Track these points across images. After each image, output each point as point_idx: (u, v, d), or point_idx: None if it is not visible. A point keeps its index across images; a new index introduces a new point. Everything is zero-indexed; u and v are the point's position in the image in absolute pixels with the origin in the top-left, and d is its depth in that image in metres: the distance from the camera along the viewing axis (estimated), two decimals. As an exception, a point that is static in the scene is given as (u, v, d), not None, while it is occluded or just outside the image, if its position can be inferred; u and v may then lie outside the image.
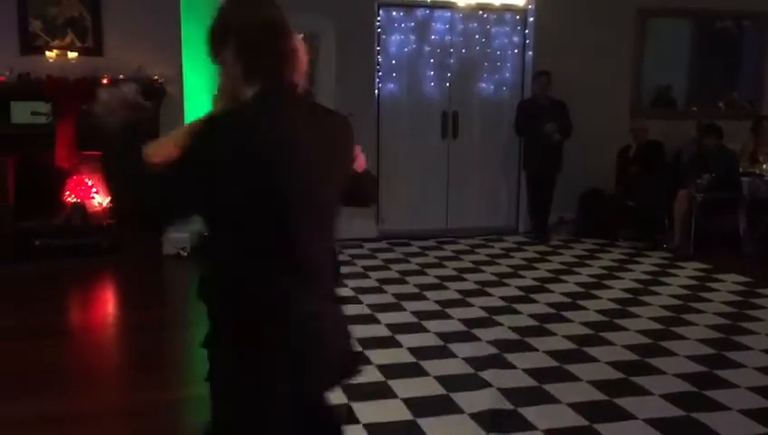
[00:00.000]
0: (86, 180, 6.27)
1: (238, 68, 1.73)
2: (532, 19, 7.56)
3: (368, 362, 4.07)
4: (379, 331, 4.62)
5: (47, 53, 6.03)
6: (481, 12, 7.47)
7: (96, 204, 6.34)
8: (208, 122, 1.67)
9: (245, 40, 1.72)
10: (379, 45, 7.22)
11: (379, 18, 7.18)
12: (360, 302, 5.24)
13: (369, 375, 3.89)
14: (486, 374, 3.91)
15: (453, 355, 4.21)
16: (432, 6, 7.35)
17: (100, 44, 6.17)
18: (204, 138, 1.63)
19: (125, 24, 6.21)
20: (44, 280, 5.80)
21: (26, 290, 5.55)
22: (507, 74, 7.65)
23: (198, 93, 6.72)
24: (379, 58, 7.24)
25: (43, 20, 6.05)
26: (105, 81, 5.86)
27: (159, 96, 6.22)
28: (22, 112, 6.01)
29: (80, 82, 5.87)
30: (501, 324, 4.76)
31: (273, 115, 1.70)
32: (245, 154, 1.61)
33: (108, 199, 6.07)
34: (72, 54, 5.99)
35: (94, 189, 6.30)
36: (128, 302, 5.53)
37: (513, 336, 4.55)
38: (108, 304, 5.67)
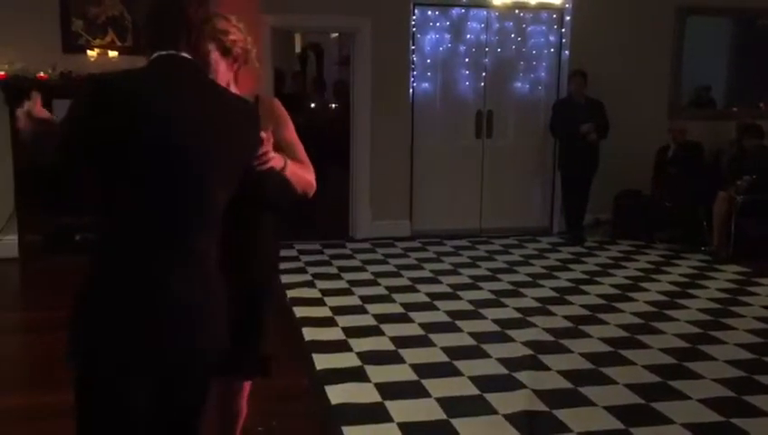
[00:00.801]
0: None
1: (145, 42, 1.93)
2: (568, 18, 7.48)
3: (401, 360, 4.09)
4: (413, 330, 4.62)
5: (89, 52, 6.14)
6: (517, 11, 7.42)
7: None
8: (90, 81, 1.83)
9: (142, 19, 1.92)
10: (413, 44, 7.21)
11: (414, 17, 7.18)
12: (393, 301, 5.24)
13: (402, 374, 3.90)
14: (521, 375, 3.89)
15: (487, 356, 4.20)
16: (467, 5, 7.32)
17: (139, 43, 6.25)
18: (83, 95, 1.82)
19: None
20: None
21: (63, 284, 5.65)
22: (543, 74, 7.59)
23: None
24: (414, 57, 7.23)
25: (85, 19, 6.17)
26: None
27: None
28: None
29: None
30: (535, 326, 4.73)
31: (145, 82, 1.81)
32: (111, 113, 1.74)
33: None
34: (112, 53, 6.09)
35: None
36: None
37: (548, 338, 4.52)
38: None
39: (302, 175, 2.31)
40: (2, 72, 5.85)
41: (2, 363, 4.19)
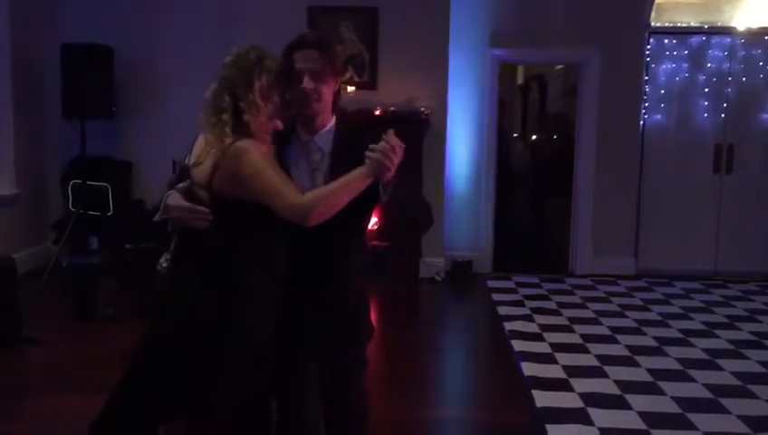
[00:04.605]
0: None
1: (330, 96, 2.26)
2: (830, 42, 6.73)
3: (628, 406, 3.89)
4: (640, 375, 4.38)
5: (330, 87, 6.62)
6: (767, 37, 6.82)
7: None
8: None
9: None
10: (646, 75, 6.90)
11: (648, 46, 6.87)
12: (617, 342, 5.01)
13: (629, 422, 3.71)
14: (767, 438, 3.52)
15: (726, 411, 3.85)
16: (709, 32, 6.87)
17: (374, 79, 6.64)
18: None
19: (397, 60, 6.63)
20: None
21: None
22: (796, 104, 6.88)
23: (460, 125, 6.95)
24: (647, 88, 6.92)
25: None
26: (378, 112, 6.32)
27: (424, 128, 6.54)
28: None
29: (356, 112, 6.35)
30: (784, 383, 4.26)
31: None
32: None
33: (375, 220, 6.46)
34: (350, 88, 6.53)
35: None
36: (385, 321, 5.78)
37: (800, 399, 4.04)
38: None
39: None
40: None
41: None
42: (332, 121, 2.32)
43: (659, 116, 6.98)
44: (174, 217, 2.15)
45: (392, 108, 6.39)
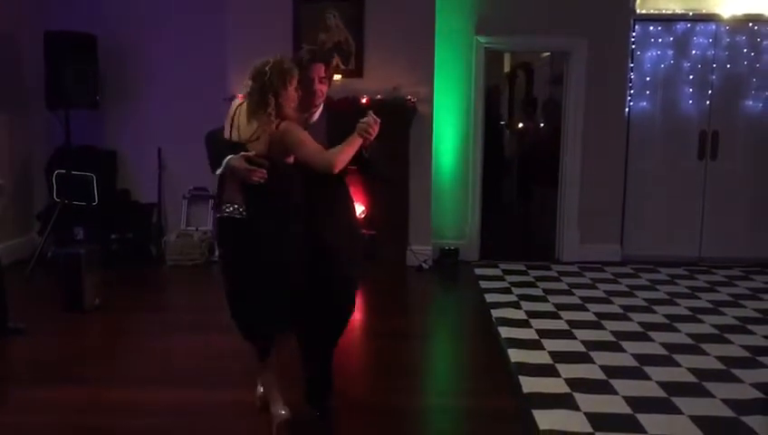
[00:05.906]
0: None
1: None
2: (813, 29, 6.78)
3: (613, 391, 3.92)
4: (625, 360, 4.41)
5: (315, 75, 6.59)
6: (751, 24, 6.86)
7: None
8: None
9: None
10: (632, 62, 6.92)
11: (634, 34, 6.89)
12: (602, 328, 5.05)
13: (614, 406, 3.74)
14: (751, 420, 3.56)
15: (710, 395, 3.89)
16: (694, 19, 6.90)
17: (360, 67, 6.62)
18: None
19: (383, 48, 6.61)
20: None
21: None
22: (780, 91, 6.93)
23: (446, 113, 6.95)
24: (632, 75, 6.94)
25: (314, 46, 6.64)
26: (364, 100, 6.30)
27: (411, 116, 6.53)
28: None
29: (341, 101, 6.34)
30: (767, 367, 4.31)
31: None
32: None
33: (363, 208, 6.49)
34: (337, 76, 6.50)
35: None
36: (373, 309, 5.81)
37: (783, 382, 4.09)
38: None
39: None
40: (240, 95, 6.47)
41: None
42: (319, 110, 3.29)
43: (645, 103, 7.02)
44: (234, 173, 3.03)
45: (378, 96, 6.38)
